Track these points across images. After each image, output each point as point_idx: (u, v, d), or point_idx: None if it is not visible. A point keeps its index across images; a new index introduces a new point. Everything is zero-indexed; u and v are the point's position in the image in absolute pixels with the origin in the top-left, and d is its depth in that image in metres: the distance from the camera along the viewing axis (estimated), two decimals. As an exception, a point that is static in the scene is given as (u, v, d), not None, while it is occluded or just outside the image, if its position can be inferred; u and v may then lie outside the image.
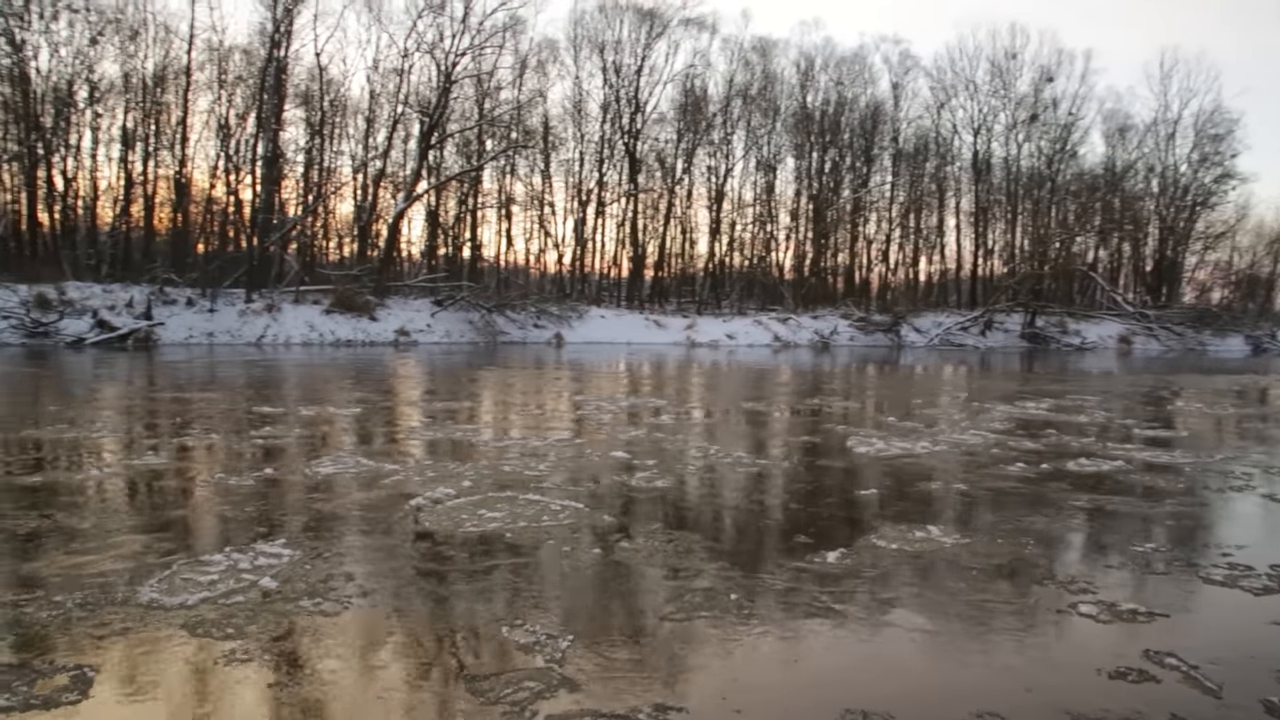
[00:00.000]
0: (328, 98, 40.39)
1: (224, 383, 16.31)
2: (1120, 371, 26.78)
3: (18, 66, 35.30)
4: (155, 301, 31.05)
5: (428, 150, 40.31)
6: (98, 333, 28.69)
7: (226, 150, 37.37)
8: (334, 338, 32.54)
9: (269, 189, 36.58)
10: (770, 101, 48.81)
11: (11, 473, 7.26)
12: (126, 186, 38.42)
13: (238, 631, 3.60)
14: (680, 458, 8.31)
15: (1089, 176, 51.41)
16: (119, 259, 37.31)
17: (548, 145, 46.23)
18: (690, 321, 41.24)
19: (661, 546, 5.15)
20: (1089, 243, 51.15)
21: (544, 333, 37.21)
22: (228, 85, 38.10)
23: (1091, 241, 51.16)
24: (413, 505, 5.98)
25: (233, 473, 7.21)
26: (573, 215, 46.85)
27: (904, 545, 5.29)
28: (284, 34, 36.28)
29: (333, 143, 41.85)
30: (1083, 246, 50.68)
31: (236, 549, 4.77)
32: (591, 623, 3.96)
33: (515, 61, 43.34)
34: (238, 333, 31.36)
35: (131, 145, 38.29)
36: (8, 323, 28.45)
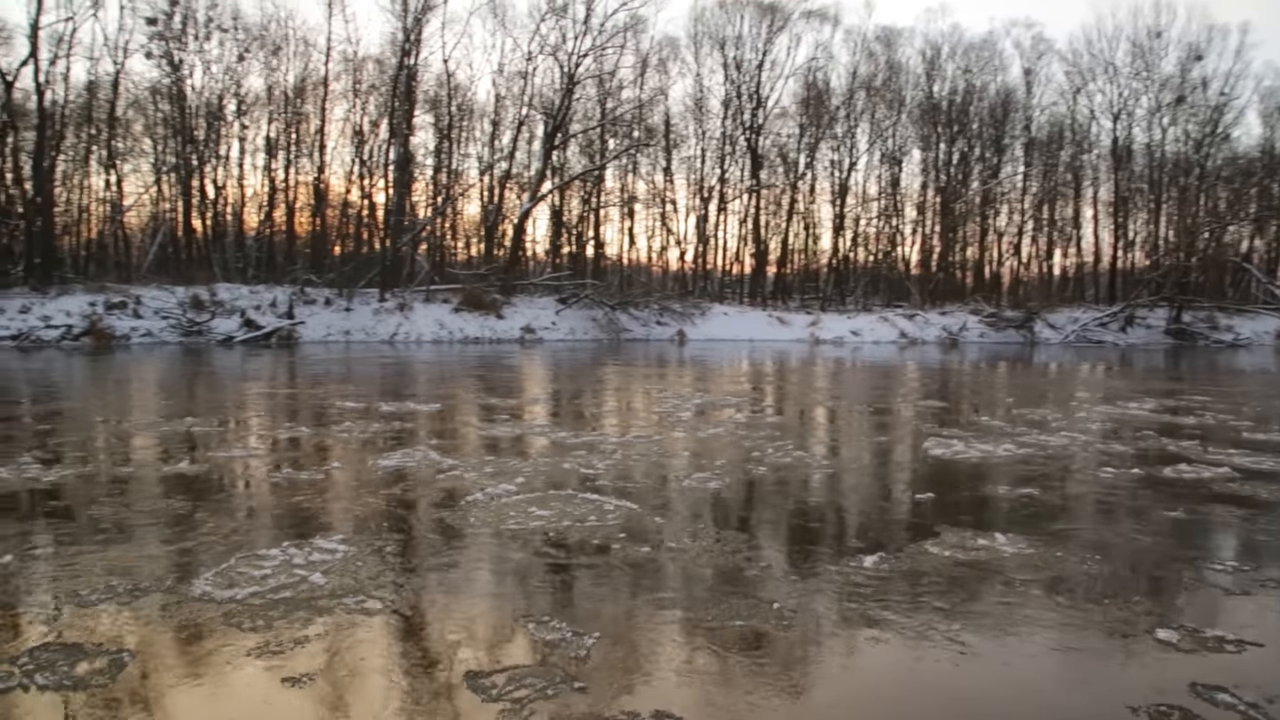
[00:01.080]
0: (455, 102, 41.58)
1: (347, 378, 16.92)
2: (1277, 370, 25.02)
3: (176, 85, 37.62)
4: (296, 301, 32.53)
5: (552, 151, 40.98)
6: (245, 331, 30.24)
7: (361, 156, 38.91)
8: (462, 335, 33.40)
9: (400, 192, 37.83)
10: (895, 93, 47.69)
11: (112, 462, 7.65)
12: (270, 193, 40.51)
13: (273, 626, 3.66)
14: (751, 457, 8.08)
15: (1243, 161, 48.15)
16: (263, 261, 39.32)
17: (669, 143, 46.38)
18: (814, 318, 40.65)
19: (709, 548, 4.99)
20: (1243, 232, 48.05)
21: (667, 330, 37.31)
22: (362, 94, 39.71)
23: (1246, 230, 48.05)
24: (467, 501, 6.00)
25: (313, 465, 7.45)
26: (694, 212, 46.90)
27: (959, 553, 4.99)
28: (414, 42, 37.46)
29: (460, 146, 43.08)
30: (1235, 236, 47.63)
31: (295, 544, 4.86)
32: (620, 626, 3.85)
33: (636, 60, 43.68)
34: (372, 331, 32.53)
35: (274, 154, 40.35)
36: (167, 322, 30.30)
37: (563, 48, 40.13)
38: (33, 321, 29.05)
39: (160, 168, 39.84)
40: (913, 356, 28.41)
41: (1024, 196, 50.33)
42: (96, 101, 38.06)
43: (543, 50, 40.58)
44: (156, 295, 31.49)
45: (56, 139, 35.43)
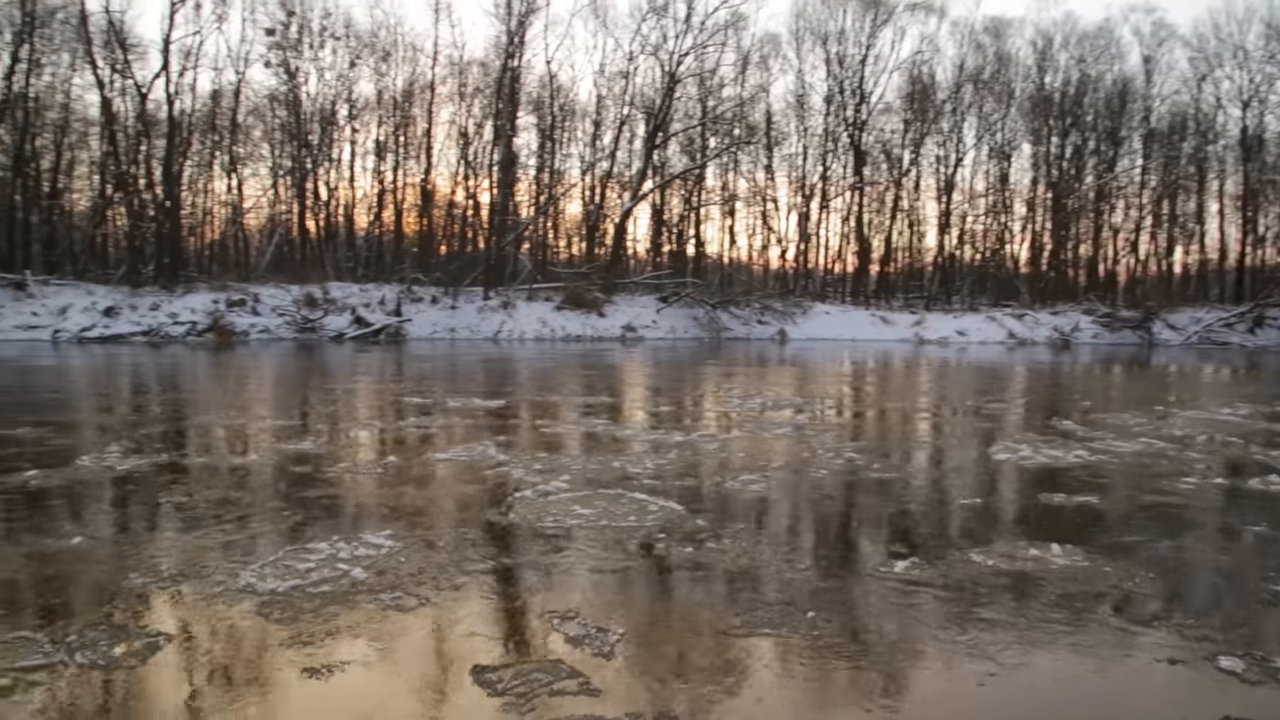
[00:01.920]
0: (557, 103, 42.07)
1: (440, 374, 17.30)
2: None
3: (292, 92, 39.12)
4: (404, 299, 33.41)
5: (653, 150, 41.10)
6: (355, 328, 31.21)
7: (466, 157, 39.77)
8: (564, 333, 33.77)
9: (504, 192, 38.49)
10: (1004, 85, 46.17)
11: (194, 451, 7.93)
12: (379, 194, 41.75)
13: (301, 619, 3.69)
14: (811, 459, 7.87)
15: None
16: (373, 261, 40.53)
17: (770, 140, 45.96)
18: (918, 318, 39.76)
19: (748, 551, 4.85)
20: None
21: (768, 329, 37.01)
22: (467, 97, 40.55)
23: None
24: (515, 498, 6.00)
25: (378, 458, 7.62)
26: (796, 210, 46.34)
27: (1005, 563, 4.71)
28: (517, 45, 38.06)
29: (562, 146, 43.55)
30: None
31: (344, 538, 4.90)
32: (645, 628, 3.76)
33: (737, 58, 43.43)
34: (476, 328, 33.18)
35: (383, 156, 41.52)
36: (282, 319, 31.50)
37: (664, 47, 40.26)
38: (161, 318, 30.57)
39: (277, 171, 41.53)
40: (1020, 358, 27.47)
41: (1142, 191, 48.16)
42: (219, 109, 39.85)
43: (644, 50, 40.81)
44: (273, 293, 32.77)
45: (184, 146, 37.24)
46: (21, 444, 8.24)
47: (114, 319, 30.21)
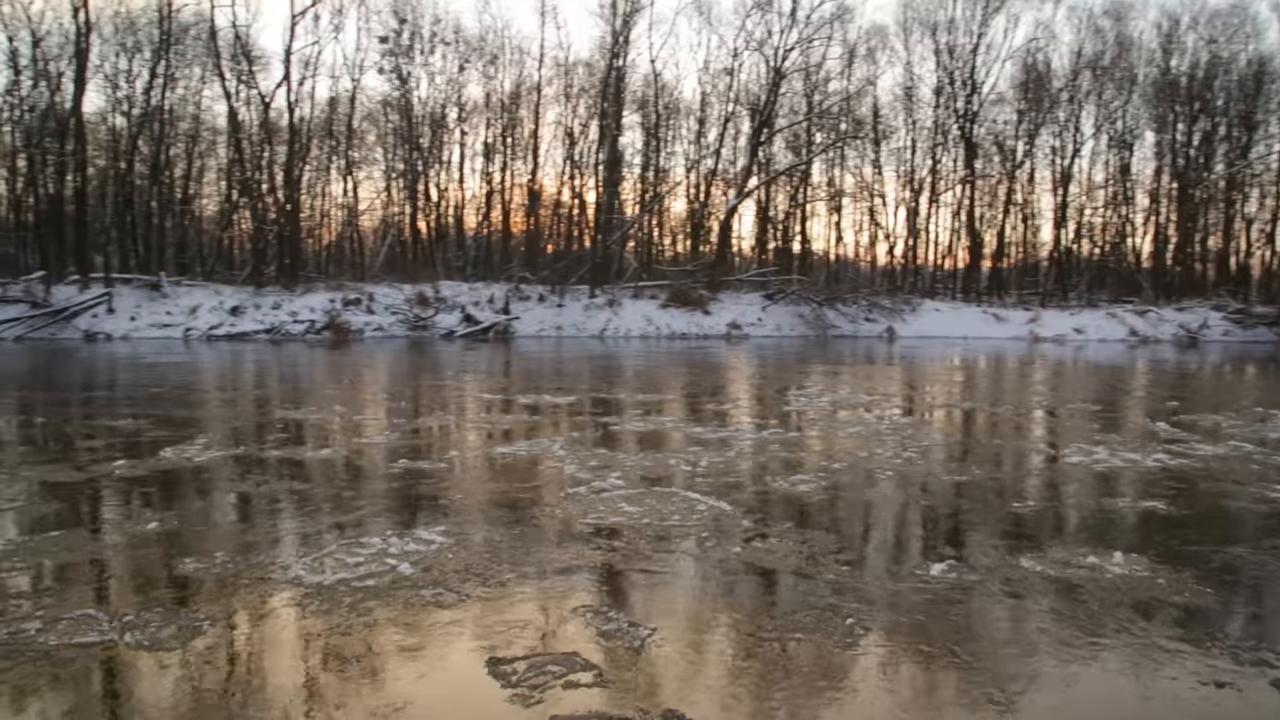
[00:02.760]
0: (662, 101, 42.19)
1: (537, 371, 17.43)
2: None
3: (404, 97, 40.26)
4: (512, 298, 34.01)
5: (758, 146, 40.82)
6: (465, 326, 31.92)
7: (571, 157, 40.27)
8: (669, 331, 33.84)
9: (609, 191, 38.81)
10: (1125, 71, 44.17)
11: (264, 446, 8.14)
12: (487, 195, 42.57)
13: (337, 611, 3.77)
14: (875, 459, 7.66)
15: None
16: (481, 260, 41.38)
17: (878, 134, 45.12)
18: (1033, 314, 38.40)
19: (793, 552, 4.73)
20: None
21: (875, 326, 36.34)
22: (572, 97, 41.05)
23: None
24: (568, 494, 6.01)
25: (447, 453, 7.81)
26: (904, 205, 45.41)
27: (1057, 570, 4.47)
28: (622, 45, 38.32)
29: (667, 144, 43.68)
30: None
31: (398, 533, 4.98)
32: (675, 628, 3.69)
33: (843, 51, 42.72)
34: (582, 326, 33.53)
35: (491, 158, 42.36)
36: (395, 318, 32.45)
37: (769, 42, 39.93)
38: (282, 317, 31.85)
39: (390, 174, 42.85)
40: (1141, 356, 26.22)
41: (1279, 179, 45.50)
42: (336, 116, 41.32)
43: (748, 46, 40.57)
44: (387, 292, 33.79)
45: (303, 152, 38.74)
46: (119, 435, 8.78)
47: (239, 318, 31.64)
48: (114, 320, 30.99)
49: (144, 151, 38.30)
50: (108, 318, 31.11)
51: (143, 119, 37.53)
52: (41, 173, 37.75)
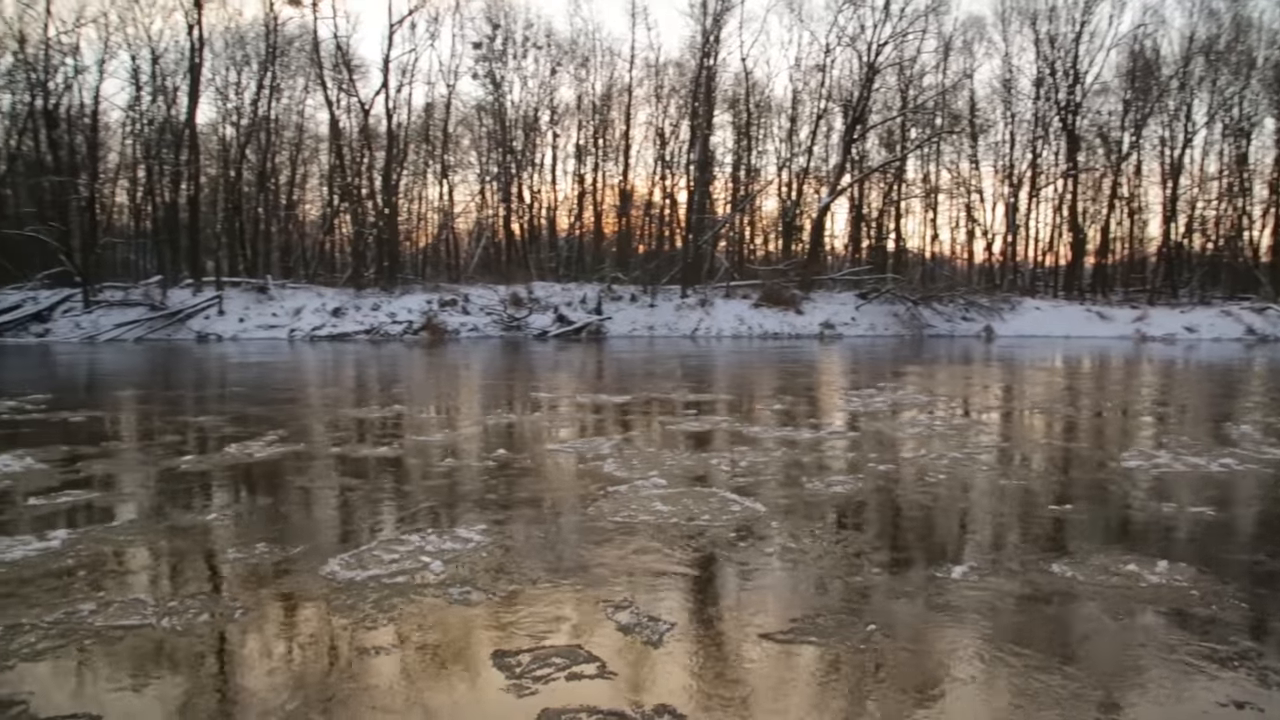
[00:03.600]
0: (753, 100, 41.95)
1: (614, 370, 17.42)
2: None
3: (497, 101, 40.97)
4: (604, 298, 34.25)
5: (851, 143, 40.22)
6: (558, 326, 32.27)
7: (663, 157, 40.39)
8: (761, 330, 33.62)
9: (701, 191, 38.76)
10: (1243, 54, 42.03)
11: (325, 442, 8.32)
12: (579, 196, 42.97)
13: (359, 607, 3.82)
14: (923, 460, 7.45)
15: None
16: (573, 260, 41.81)
17: (974, 128, 43.97)
18: (1140, 313, 36.91)
19: (823, 554, 4.66)
20: None
21: (972, 325, 35.45)
22: (663, 97, 41.13)
23: None
24: (609, 492, 6.00)
25: (500, 450, 7.86)
26: (1003, 200, 44.12)
27: (1090, 576, 4.28)
28: (713, 44, 38.20)
29: (758, 143, 43.43)
30: None
31: (438, 531, 5.03)
32: (684, 628, 3.65)
33: (938, 44, 41.75)
34: (674, 326, 33.56)
35: (583, 159, 42.75)
36: (490, 318, 33.02)
37: (861, 37, 39.28)
38: (381, 318, 32.72)
39: (484, 177, 43.61)
40: (1259, 356, 24.92)
41: None
42: (432, 121, 42.31)
43: (840, 41, 40.01)
44: (481, 293, 34.40)
45: (401, 157, 39.72)
46: (192, 430, 9.21)
47: (340, 319, 32.61)
48: (224, 322, 32.29)
49: (251, 160, 39.83)
50: (218, 319, 32.44)
51: (250, 129, 39.04)
52: (159, 182, 39.63)
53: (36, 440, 8.28)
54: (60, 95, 37.17)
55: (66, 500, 5.83)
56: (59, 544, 4.68)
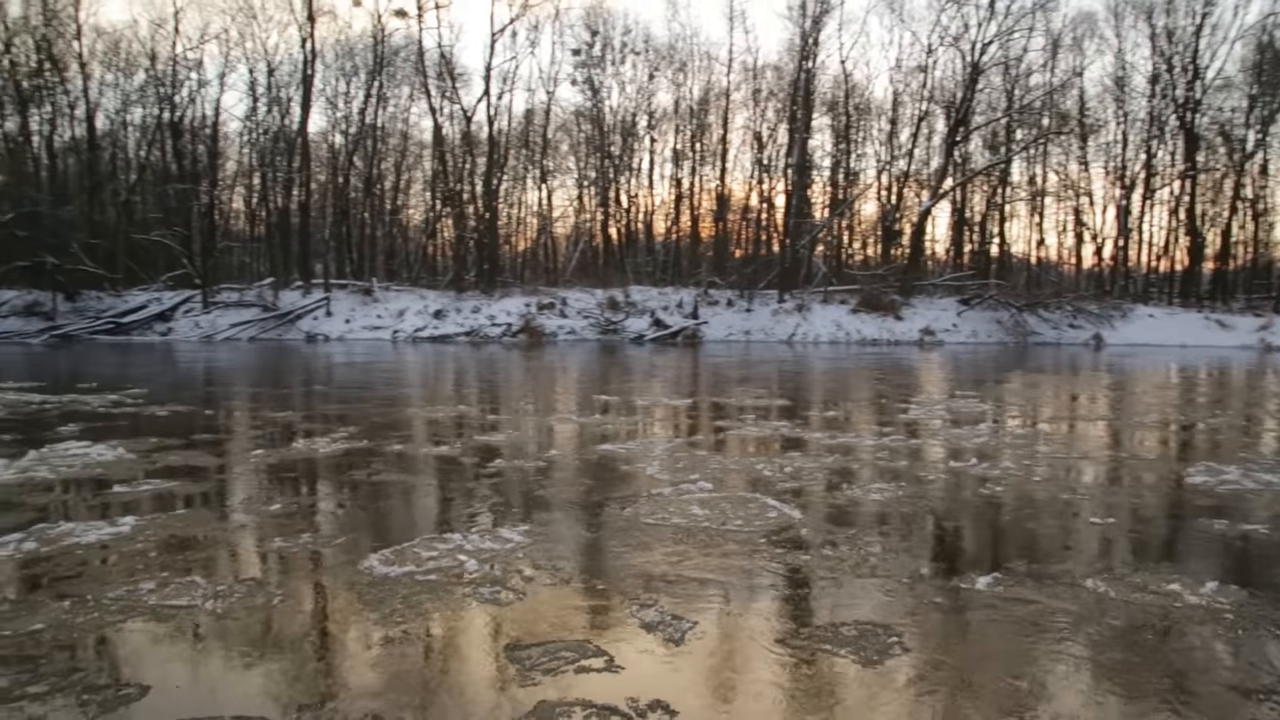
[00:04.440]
0: (852, 102, 41.40)
1: (702, 374, 17.29)
2: None
3: (595, 107, 41.43)
4: (701, 302, 34.27)
5: (953, 146, 39.29)
6: (654, 330, 32.41)
7: (760, 161, 40.17)
8: (859, 336, 33.14)
9: (799, 195, 38.43)
10: (1381, 48, 39.65)
11: (390, 440, 8.44)
12: (676, 200, 43.11)
13: (387, 602, 3.89)
14: (972, 469, 7.18)
15: None
16: (670, 265, 41.93)
17: (1084, 129, 42.46)
18: (1264, 321, 35.07)
19: (854, 562, 4.55)
20: None
21: (1080, 333, 34.23)
22: (761, 101, 40.94)
23: None
24: (650, 494, 6.00)
25: (550, 451, 7.98)
26: (1113, 203, 42.52)
27: (1124, 594, 4.04)
28: (812, 46, 37.85)
29: (857, 146, 42.86)
30: None
31: (480, 530, 5.07)
32: (699, 632, 3.60)
33: (1046, 42, 40.46)
34: (770, 331, 33.36)
35: (680, 164, 42.86)
36: (587, 321, 33.38)
37: (965, 36, 38.33)
38: (481, 320, 33.42)
39: (582, 182, 44.16)
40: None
41: None
42: (532, 127, 43.07)
43: (943, 41, 39.14)
44: (578, 297, 34.81)
45: (501, 162, 40.50)
46: (271, 426, 9.62)
47: (441, 321, 33.43)
48: (331, 322, 33.44)
49: (359, 166, 41.21)
50: (326, 320, 33.62)
51: (358, 137, 40.40)
52: (272, 189, 41.35)
53: (131, 432, 8.79)
54: (185, 108, 39.18)
55: (146, 489, 6.20)
56: (128, 529, 5.02)
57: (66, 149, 39.48)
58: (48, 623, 3.58)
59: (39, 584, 4.12)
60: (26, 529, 4.92)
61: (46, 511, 5.48)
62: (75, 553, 4.56)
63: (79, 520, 5.18)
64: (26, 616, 3.65)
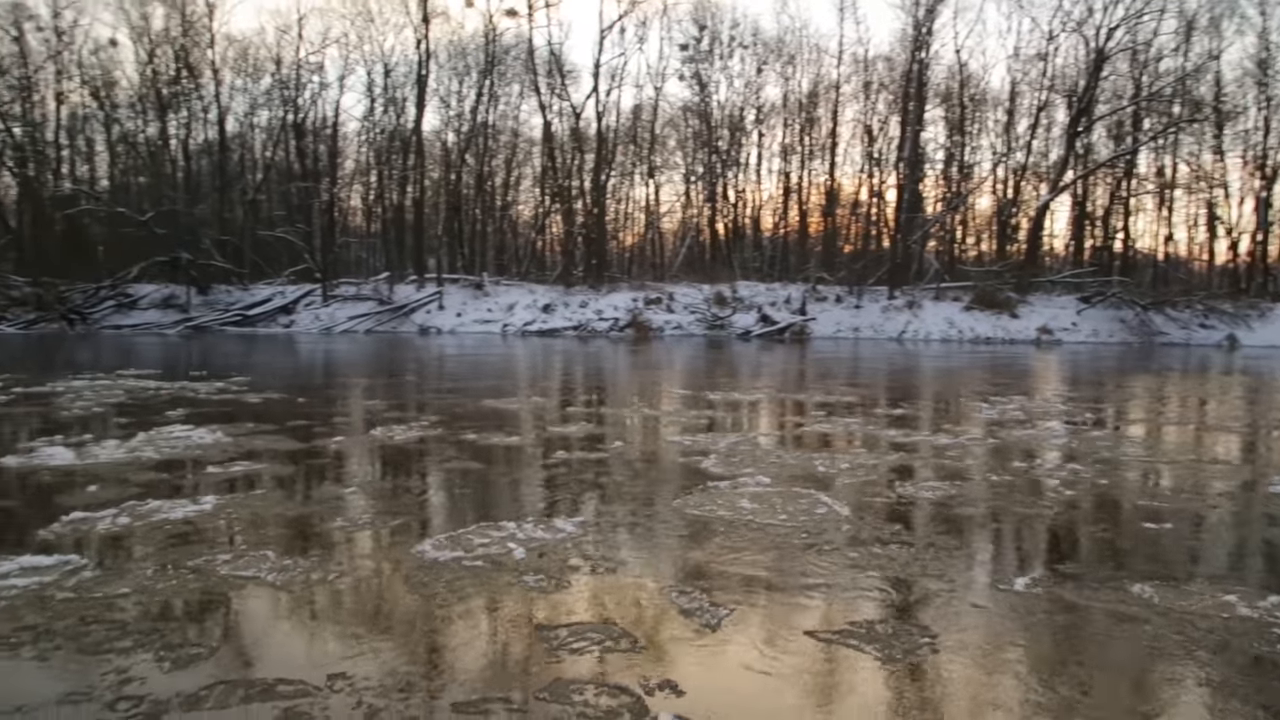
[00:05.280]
0: (967, 92, 40.19)
1: (795, 371, 16.95)
2: None
3: (703, 102, 41.37)
4: (809, 298, 33.87)
5: (1075, 136, 37.70)
6: (761, 326, 32.21)
7: (870, 155, 39.40)
8: (973, 334, 32.22)
9: (910, 189, 37.56)
10: None
11: (463, 428, 8.57)
12: (784, 195, 42.67)
13: (430, 585, 4.02)
14: (1039, 469, 6.87)
15: None
16: (777, 260, 41.57)
17: (1220, 116, 40.14)
18: None
19: (897, 560, 4.43)
20: None
21: (1212, 334, 32.48)
22: (872, 93, 40.14)
23: None
24: (701, 489, 6.00)
25: (628, 442, 8.06)
26: (1252, 195, 40.13)
27: (1172, 602, 3.80)
28: (925, 36, 36.92)
29: (972, 138, 41.56)
30: None
31: (535, 519, 5.12)
32: (722, 623, 3.58)
33: (1179, 25, 38.39)
34: (880, 328, 32.73)
35: (788, 158, 42.45)
36: (694, 317, 33.39)
37: (1089, 21, 36.75)
38: (589, 315, 33.77)
39: (689, 177, 44.12)
40: None
41: None
42: (639, 122, 43.23)
43: (1065, 27, 37.63)
44: (685, 292, 34.83)
45: (609, 158, 40.80)
46: (357, 413, 9.98)
47: (550, 315, 33.93)
48: (443, 316, 34.32)
49: (470, 164, 42.12)
50: (439, 313, 34.52)
51: (470, 134, 41.28)
52: (388, 186, 42.65)
53: (232, 418, 9.30)
54: (307, 110, 40.79)
55: (237, 470, 6.59)
56: (210, 506, 5.38)
57: (200, 151, 41.62)
58: (133, 587, 3.92)
59: (130, 553, 4.48)
60: (120, 505, 5.31)
61: (147, 488, 5.87)
62: (164, 527, 4.92)
63: (172, 498, 5.54)
64: (115, 581, 3.98)
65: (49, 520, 4.93)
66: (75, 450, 7.04)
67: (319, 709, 2.80)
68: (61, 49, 38.65)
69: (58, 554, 4.31)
